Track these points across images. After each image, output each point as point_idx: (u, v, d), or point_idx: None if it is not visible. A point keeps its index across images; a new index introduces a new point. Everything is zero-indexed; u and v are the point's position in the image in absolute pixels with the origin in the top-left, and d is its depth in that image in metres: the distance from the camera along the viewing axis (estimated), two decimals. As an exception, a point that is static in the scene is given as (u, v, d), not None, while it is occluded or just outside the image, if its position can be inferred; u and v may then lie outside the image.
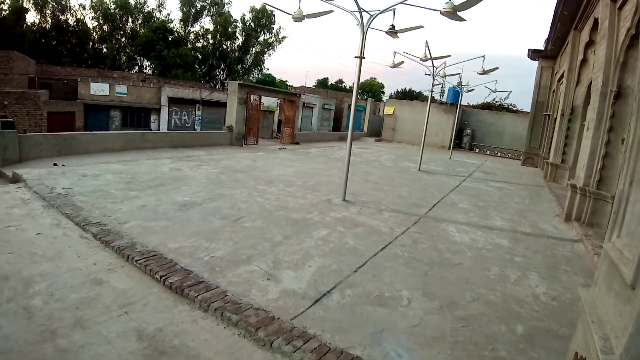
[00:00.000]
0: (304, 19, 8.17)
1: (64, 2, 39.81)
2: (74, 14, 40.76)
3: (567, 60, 13.45)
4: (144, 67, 44.03)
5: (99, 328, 2.95)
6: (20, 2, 36.89)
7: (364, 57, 7.28)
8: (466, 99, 29.96)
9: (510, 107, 31.20)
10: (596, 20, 9.11)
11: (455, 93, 21.65)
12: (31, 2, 38.30)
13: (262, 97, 17.86)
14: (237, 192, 7.43)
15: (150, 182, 7.52)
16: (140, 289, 3.60)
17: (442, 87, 25.48)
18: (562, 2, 11.88)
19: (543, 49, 18.51)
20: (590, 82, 9.33)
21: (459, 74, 16.94)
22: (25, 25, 37.51)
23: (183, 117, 27.82)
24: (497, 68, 14.01)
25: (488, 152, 25.68)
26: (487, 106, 30.70)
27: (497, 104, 30.85)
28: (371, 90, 62.82)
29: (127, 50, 43.12)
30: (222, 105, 18.79)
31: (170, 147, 12.64)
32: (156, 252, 4.26)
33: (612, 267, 2.16)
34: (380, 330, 3.20)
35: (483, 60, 13.60)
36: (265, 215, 6.07)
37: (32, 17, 39.19)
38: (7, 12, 35.79)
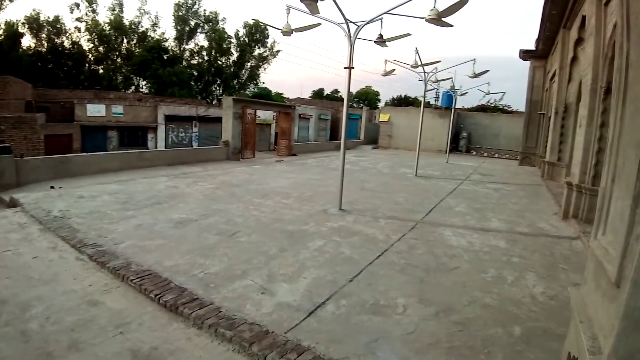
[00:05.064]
0: (292, 33, 8.26)
1: (59, 26, 40.30)
2: (70, 36, 41.23)
3: (557, 59, 13.55)
4: (140, 86, 44.37)
5: (95, 349, 2.95)
6: (15, 27, 37.35)
7: (353, 68, 7.36)
8: (460, 103, 30.16)
9: (505, 108, 31.30)
10: (584, 18, 9.18)
11: (449, 97, 21.79)
12: (26, 26, 38.75)
13: (258, 110, 17.97)
14: (233, 206, 7.44)
15: (147, 201, 7.54)
16: (135, 308, 3.61)
17: (436, 92, 25.64)
18: (549, 1, 12.00)
19: (534, 48, 18.61)
20: (581, 80, 9.38)
21: (451, 78, 17.06)
22: (21, 49, 37.92)
23: (180, 134, 27.96)
24: (488, 71, 14.10)
25: (485, 154, 25.73)
26: (481, 108, 30.81)
27: (492, 105, 30.98)
28: (367, 98, 63.11)
29: (123, 70, 43.47)
30: (219, 120, 18.92)
31: (167, 164, 12.69)
32: (151, 271, 4.28)
33: (598, 266, 2.14)
34: (375, 339, 3.19)
35: (474, 64, 13.71)
36: (261, 229, 6.08)
37: (27, 41, 39.66)
38: (2, 37, 36.20)
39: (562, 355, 2.64)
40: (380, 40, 8.67)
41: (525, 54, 19.66)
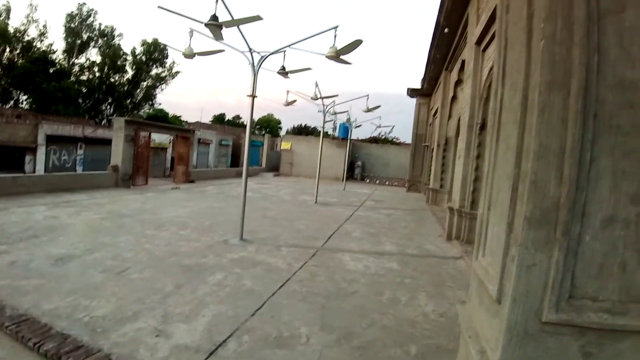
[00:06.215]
0: (194, 56, 8.09)
1: None
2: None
3: (440, 97, 15.24)
4: (21, 101, 38.82)
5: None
6: None
7: (256, 96, 7.38)
8: (355, 134, 32.06)
9: (394, 140, 34.24)
10: (463, 62, 10.49)
11: (345, 129, 23.11)
12: None
13: (153, 133, 16.98)
14: (122, 239, 6.80)
15: (22, 234, 6.56)
16: (12, 359, 3.10)
17: (333, 124, 26.92)
18: (434, 46, 13.56)
19: (420, 87, 20.76)
20: (460, 116, 10.62)
21: (347, 111, 18.16)
22: None
23: (63, 156, 24.87)
24: (380, 106, 15.33)
25: (377, 182, 27.57)
26: (374, 140, 33.30)
27: (383, 137, 33.61)
28: (269, 125, 63.62)
29: (2, 82, 37.71)
30: (108, 142, 17.28)
31: (47, 191, 11.21)
32: (28, 316, 3.69)
33: (480, 284, 2.34)
34: (279, 373, 3.10)
35: (367, 99, 14.79)
36: (155, 264, 5.62)
37: None
38: None
39: (453, 371, 2.84)
40: (283, 72, 8.90)
41: (412, 92, 21.81)
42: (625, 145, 1.72)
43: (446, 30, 11.55)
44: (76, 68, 42.47)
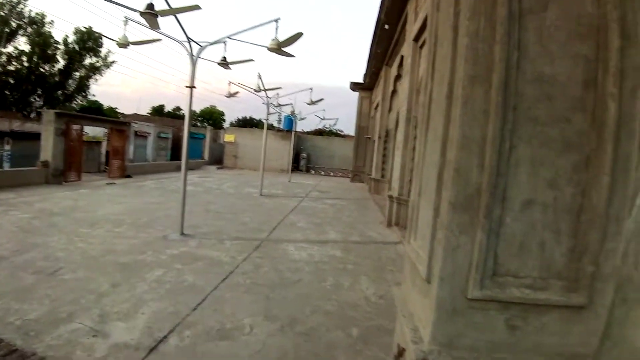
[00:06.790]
0: (128, 45, 7.70)
1: None
2: None
3: (381, 92, 15.68)
4: None
5: None
6: None
7: (195, 87, 7.18)
8: (300, 126, 32.10)
9: (338, 132, 34.78)
10: (402, 58, 10.83)
11: (290, 121, 23.09)
12: None
13: (86, 126, 15.94)
14: (54, 239, 6.37)
15: None
16: None
17: (278, 116, 26.78)
18: (375, 42, 13.86)
19: (362, 81, 21.17)
20: (399, 110, 10.99)
21: (291, 103, 18.12)
22: None
23: None
24: (323, 99, 15.52)
25: (322, 173, 27.98)
26: (318, 132, 33.65)
27: (327, 130, 34.03)
28: (211, 117, 61.78)
29: None
30: (38, 137, 15.96)
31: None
32: None
33: (412, 266, 2.48)
34: (223, 364, 3.10)
35: (311, 92, 14.87)
36: (89, 263, 5.34)
37: None
38: None
39: (392, 348, 2.99)
40: (224, 63, 8.71)
41: (354, 86, 22.22)
42: (542, 134, 1.87)
43: (386, 26, 11.87)
44: (3, 58, 38.54)
